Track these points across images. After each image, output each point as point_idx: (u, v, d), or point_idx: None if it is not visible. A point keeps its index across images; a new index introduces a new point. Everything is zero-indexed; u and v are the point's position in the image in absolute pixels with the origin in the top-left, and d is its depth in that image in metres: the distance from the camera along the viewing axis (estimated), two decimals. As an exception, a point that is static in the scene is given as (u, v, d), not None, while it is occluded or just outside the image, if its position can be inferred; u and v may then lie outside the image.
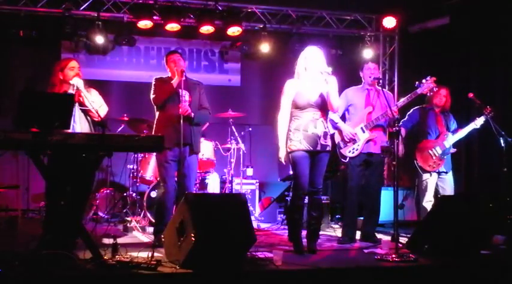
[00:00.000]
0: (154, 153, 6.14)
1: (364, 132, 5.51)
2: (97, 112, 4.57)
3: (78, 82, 4.72)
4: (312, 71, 4.78)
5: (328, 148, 4.84)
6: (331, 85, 4.75)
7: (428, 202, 5.72)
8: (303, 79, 4.82)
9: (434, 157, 5.82)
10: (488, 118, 5.75)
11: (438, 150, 5.83)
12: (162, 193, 5.22)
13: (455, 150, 5.91)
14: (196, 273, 3.80)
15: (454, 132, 5.94)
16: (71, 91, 4.73)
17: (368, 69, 5.63)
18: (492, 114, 5.77)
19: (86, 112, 4.83)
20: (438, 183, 5.90)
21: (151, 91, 5.26)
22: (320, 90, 4.80)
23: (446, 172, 5.90)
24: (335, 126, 5.47)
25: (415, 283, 4.22)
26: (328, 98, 4.79)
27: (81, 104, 4.72)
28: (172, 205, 5.15)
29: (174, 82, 5.11)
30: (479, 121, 5.80)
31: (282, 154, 4.82)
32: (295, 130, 4.75)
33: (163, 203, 5.17)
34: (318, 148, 4.76)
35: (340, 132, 5.52)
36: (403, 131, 5.89)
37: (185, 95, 5.14)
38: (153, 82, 5.31)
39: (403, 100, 5.58)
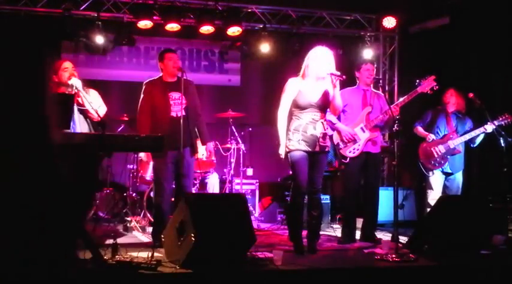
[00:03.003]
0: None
1: (364, 131, 5.51)
2: (96, 112, 4.56)
3: (76, 82, 4.70)
4: (319, 72, 4.76)
5: (327, 149, 4.86)
6: (338, 89, 4.77)
7: (433, 200, 5.73)
8: (308, 79, 4.82)
9: (436, 155, 5.88)
10: (503, 124, 5.74)
11: (441, 149, 5.88)
12: (158, 196, 5.22)
13: (460, 150, 5.94)
14: (196, 273, 3.81)
15: (464, 134, 5.97)
16: (69, 91, 4.72)
17: (367, 70, 5.63)
18: (508, 121, 5.76)
19: (85, 113, 4.83)
20: (445, 182, 5.98)
21: (141, 101, 5.21)
22: (323, 91, 4.80)
23: (451, 173, 5.94)
24: (332, 127, 5.46)
25: (415, 283, 4.23)
26: (334, 100, 4.80)
27: (80, 104, 4.71)
28: (169, 207, 5.16)
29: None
30: (489, 127, 5.78)
31: (282, 151, 4.82)
32: (294, 131, 4.76)
33: (160, 205, 5.17)
34: (317, 149, 4.77)
35: (339, 132, 5.52)
36: (418, 130, 6.03)
37: (181, 98, 5.08)
38: (143, 89, 5.23)
39: (403, 99, 5.59)
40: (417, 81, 5.56)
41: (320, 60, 4.77)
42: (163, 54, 5.28)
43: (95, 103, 4.74)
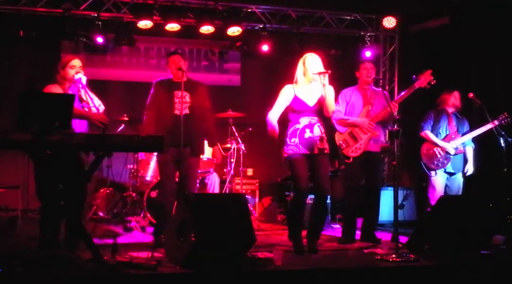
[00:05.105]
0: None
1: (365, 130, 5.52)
2: (89, 109, 4.55)
3: (82, 77, 4.69)
4: (310, 75, 4.79)
5: (326, 151, 4.86)
6: (328, 89, 4.77)
7: (435, 201, 5.73)
8: (301, 85, 4.84)
9: (439, 156, 5.89)
10: (502, 123, 5.75)
11: (444, 149, 5.89)
12: (160, 194, 5.23)
13: (462, 150, 5.95)
14: (196, 273, 3.81)
15: (464, 134, 5.98)
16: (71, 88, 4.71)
17: (365, 70, 5.64)
18: (508, 120, 5.77)
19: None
20: (446, 182, 5.98)
21: (149, 98, 5.28)
22: (319, 95, 4.82)
23: (454, 173, 5.95)
24: (346, 123, 5.47)
25: (415, 283, 4.22)
26: (325, 101, 4.80)
27: (81, 99, 4.68)
28: (171, 206, 5.16)
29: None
30: (489, 126, 5.79)
31: None
32: (291, 136, 4.78)
33: (161, 204, 5.18)
34: (316, 151, 4.78)
35: (341, 133, 5.53)
36: (425, 134, 5.99)
37: (185, 96, 5.14)
38: (153, 86, 5.32)
39: (401, 95, 5.60)
40: (414, 76, 5.55)
41: (308, 65, 4.80)
42: (167, 58, 5.43)
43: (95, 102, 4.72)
